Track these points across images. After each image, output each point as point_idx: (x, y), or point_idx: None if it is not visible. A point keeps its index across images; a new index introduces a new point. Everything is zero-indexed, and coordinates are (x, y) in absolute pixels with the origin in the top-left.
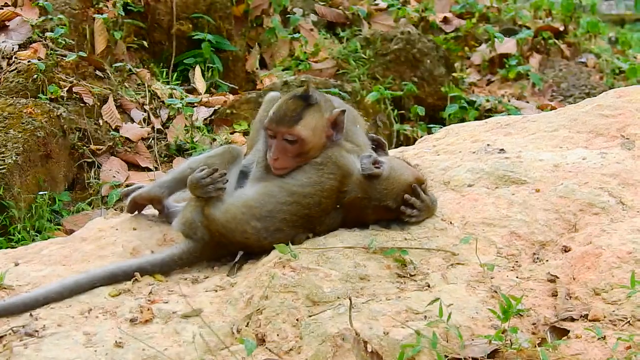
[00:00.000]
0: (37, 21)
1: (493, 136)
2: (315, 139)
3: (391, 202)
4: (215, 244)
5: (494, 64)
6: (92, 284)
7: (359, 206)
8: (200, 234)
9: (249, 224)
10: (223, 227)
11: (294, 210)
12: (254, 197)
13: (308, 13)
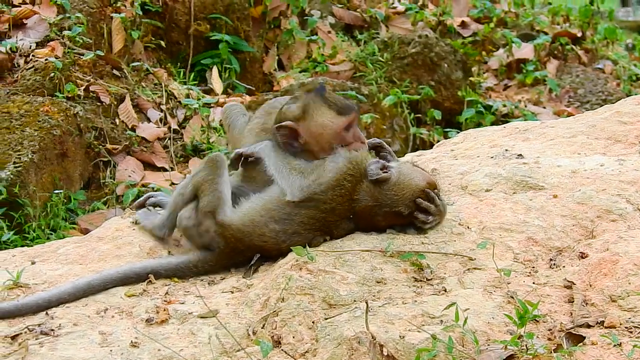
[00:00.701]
0: (55, 19)
1: (511, 141)
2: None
3: (403, 207)
4: (231, 250)
5: (511, 69)
6: (104, 285)
7: (370, 214)
8: (215, 243)
9: (267, 226)
10: (239, 231)
11: (312, 214)
12: (272, 200)
13: (326, 15)
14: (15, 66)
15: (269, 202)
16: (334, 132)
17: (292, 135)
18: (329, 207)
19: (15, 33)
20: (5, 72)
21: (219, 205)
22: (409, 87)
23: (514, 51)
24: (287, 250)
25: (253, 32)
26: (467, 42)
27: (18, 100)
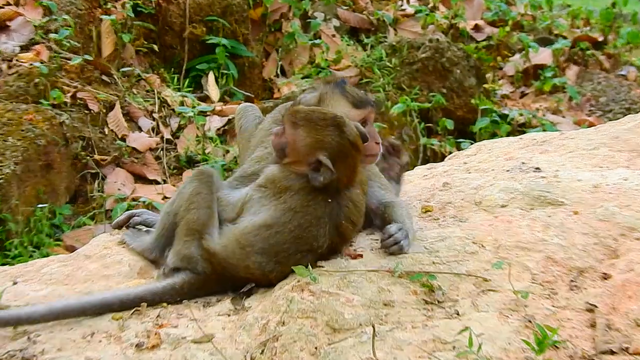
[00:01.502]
0: (41, 22)
1: (528, 154)
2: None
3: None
4: (218, 276)
5: (528, 75)
6: (82, 311)
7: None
8: (201, 267)
9: (249, 259)
10: (225, 262)
11: (297, 234)
12: (252, 230)
13: (330, 18)
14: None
15: (248, 233)
16: None
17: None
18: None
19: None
20: None
21: (207, 225)
22: (418, 94)
23: (531, 56)
24: (278, 280)
25: (252, 35)
26: (481, 46)
27: (0, 108)
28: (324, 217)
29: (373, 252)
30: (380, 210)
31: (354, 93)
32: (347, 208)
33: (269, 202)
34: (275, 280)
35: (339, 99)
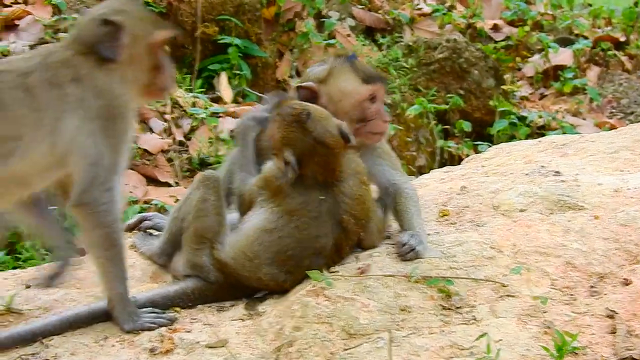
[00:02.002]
0: (50, 21)
1: (547, 157)
2: None
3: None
4: (229, 286)
5: (547, 76)
6: (93, 318)
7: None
8: (213, 277)
9: (260, 271)
10: (236, 273)
11: (298, 237)
12: (255, 237)
13: (345, 17)
14: None
15: (253, 243)
16: (355, 100)
17: (312, 97)
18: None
19: (7, 35)
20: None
21: (218, 233)
22: (435, 95)
23: (550, 57)
24: (291, 287)
25: (265, 35)
26: (500, 47)
27: None
28: (321, 215)
29: (389, 256)
30: (390, 191)
31: (364, 68)
32: (345, 202)
33: (266, 205)
34: (291, 288)
35: (347, 73)
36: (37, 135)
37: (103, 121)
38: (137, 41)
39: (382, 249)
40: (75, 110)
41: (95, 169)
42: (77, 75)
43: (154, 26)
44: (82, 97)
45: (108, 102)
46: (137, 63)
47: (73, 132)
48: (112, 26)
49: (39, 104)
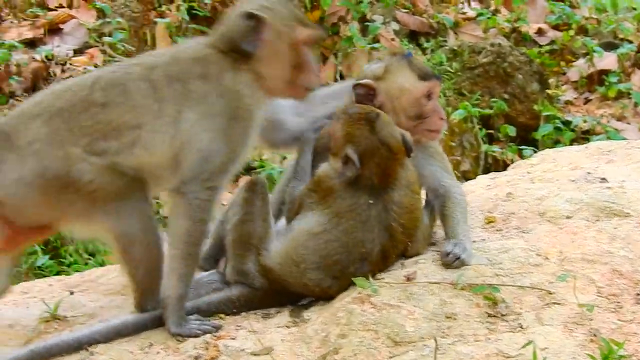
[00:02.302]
0: (94, 24)
1: (593, 163)
2: None
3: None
4: (274, 292)
5: (592, 80)
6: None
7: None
8: (258, 283)
9: (306, 276)
10: (282, 279)
11: (345, 241)
12: (302, 240)
13: (389, 21)
14: (51, 75)
15: (300, 246)
16: (413, 97)
17: (369, 94)
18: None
19: (51, 39)
20: (40, 81)
21: (263, 239)
22: (480, 100)
23: (595, 61)
24: (336, 294)
25: None
26: (544, 51)
27: None
28: (370, 220)
29: (434, 263)
30: (439, 193)
31: (420, 65)
32: (394, 210)
33: (315, 208)
34: (336, 294)
35: (404, 70)
36: (157, 125)
37: (225, 120)
38: (279, 38)
39: (427, 256)
40: (197, 106)
41: (204, 165)
42: (205, 73)
43: (299, 24)
44: (206, 94)
45: (233, 102)
46: (277, 60)
47: (192, 125)
48: (254, 20)
49: (160, 96)
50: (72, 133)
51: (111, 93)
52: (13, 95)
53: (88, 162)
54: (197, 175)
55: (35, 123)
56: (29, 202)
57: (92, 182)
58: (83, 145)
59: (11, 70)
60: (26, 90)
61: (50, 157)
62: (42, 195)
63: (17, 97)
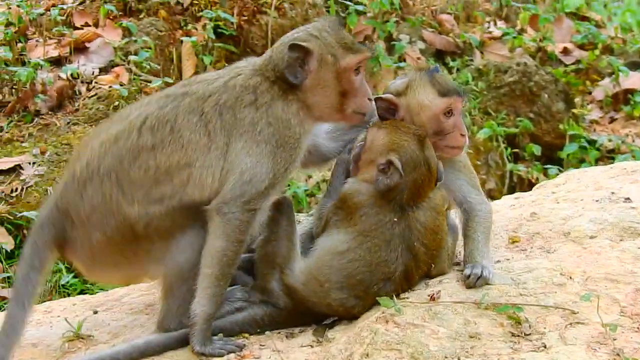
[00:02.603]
0: (120, 43)
1: (618, 183)
2: None
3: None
4: (299, 312)
5: (617, 100)
6: (164, 347)
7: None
8: (283, 303)
9: (330, 296)
10: (306, 300)
11: (369, 260)
12: (326, 260)
13: (415, 40)
14: (77, 94)
15: (324, 266)
16: (432, 113)
17: (390, 109)
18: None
19: (77, 58)
20: (65, 100)
21: (288, 259)
22: (505, 119)
23: (621, 80)
24: (360, 313)
25: None
26: (570, 70)
27: (79, 131)
28: (394, 239)
29: (458, 282)
30: (464, 208)
31: (442, 81)
32: (418, 230)
33: (340, 226)
34: (359, 314)
35: (425, 86)
36: (207, 160)
37: (271, 147)
38: (326, 66)
39: (451, 275)
40: (245, 134)
41: (246, 187)
42: (256, 101)
43: (346, 51)
44: (255, 122)
45: (281, 130)
46: (324, 88)
47: (237, 153)
48: (300, 51)
49: (210, 128)
50: (125, 193)
51: (160, 133)
52: (38, 114)
53: (147, 213)
54: (239, 196)
55: (87, 192)
56: (106, 267)
57: (149, 226)
58: (138, 201)
59: (37, 89)
60: (51, 109)
61: (111, 224)
62: (114, 256)
63: (42, 116)
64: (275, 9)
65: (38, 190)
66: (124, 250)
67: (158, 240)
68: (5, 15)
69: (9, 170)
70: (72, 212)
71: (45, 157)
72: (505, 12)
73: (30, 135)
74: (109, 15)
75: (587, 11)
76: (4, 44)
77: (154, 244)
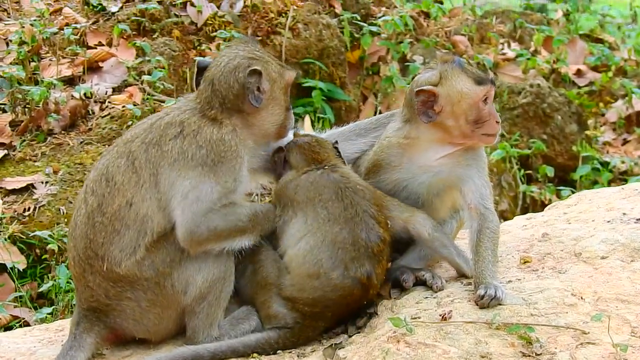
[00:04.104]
0: (134, 63)
1: (629, 204)
2: None
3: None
4: (310, 320)
5: (630, 121)
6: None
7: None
8: (292, 320)
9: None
10: (310, 301)
11: (340, 216)
12: (306, 251)
13: (429, 61)
14: (90, 113)
15: (306, 255)
16: (473, 100)
17: (430, 101)
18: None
19: (90, 77)
20: (78, 119)
21: (279, 275)
22: (518, 140)
23: (634, 102)
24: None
25: (349, 78)
26: (583, 92)
27: (92, 151)
28: (337, 191)
29: (470, 302)
30: (478, 211)
31: (473, 70)
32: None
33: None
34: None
35: (460, 76)
36: (141, 194)
37: (207, 167)
38: (275, 85)
39: (463, 295)
40: (176, 163)
41: (196, 205)
42: (181, 132)
43: (282, 67)
44: (183, 150)
45: (214, 149)
46: (275, 106)
47: (173, 180)
48: (255, 74)
49: (137, 164)
50: (110, 260)
51: (100, 190)
52: (51, 133)
53: (139, 260)
54: (194, 215)
55: (90, 282)
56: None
57: (152, 268)
58: (122, 258)
59: (50, 108)
60: (64, 128)
61: (126, 289)
62: (154, 309)
63: (55, 135)
64: (289, 29)
65: (50, 209)
66: (155, 300)
67: (170, 275)
68: (19, 34)
69: (21, 189)
70: (97, 306)
71: (58, 176)
72: (519, 34)
73: (43, 155)
74: (122, 34)
75: (601, 33)
76: (17, 63)
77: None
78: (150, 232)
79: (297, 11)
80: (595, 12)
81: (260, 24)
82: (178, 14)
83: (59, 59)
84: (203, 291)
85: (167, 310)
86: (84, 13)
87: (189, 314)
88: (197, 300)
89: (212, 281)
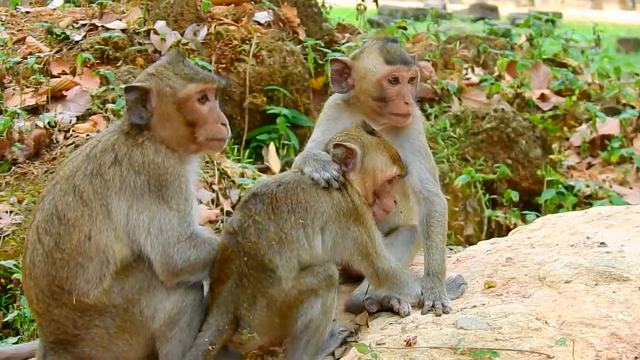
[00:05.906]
0: (98, 91)
1: (593, 228)
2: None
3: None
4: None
5: (595, 145)
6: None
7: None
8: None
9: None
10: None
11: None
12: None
13: None
14: (54, 142)
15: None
16: (375, 78)
17: (344, 72)
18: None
19: (54, 106)
20: (43, 148)
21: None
22: (483, 165)
23: (598, 126)
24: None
25: (314, 105)
26: (547, 116)
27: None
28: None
29: (435, 328)
30: (421, 195)
31: (392, 50)
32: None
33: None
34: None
35: (373, 53)
36: (98, 226)
37: (153, 194)
38: (165, 100)
39: (428, 320)
40: (121, 193)
41: (163, 236)
42: (116, 158)
43: (186, 81)
44: (123, 178)
45: (151, 173)
46: (170, 121)
47: (126, 212)
48: (136, 92)
49: (85, 197)
50: (77, 293)
51: (53, 229)
52: (15, 163)
53: (107, 290)
54: (165, 247)
55: (55, 315)
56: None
57: (122, 295)
58: (89, 289)
59: (13, 137)
60: (28, 157)
61: (94, 319)
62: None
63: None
64: (253, 56)
65: (15, 239)
66: (123, 326)
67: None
68: None
69: None
70: (65, 338)
71: (23, 205)
72: (482, 59)
73: (7, 184)
74: (86, 63)
75: (565, 57)
76: None
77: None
78: (113, 261)
79: (260, 38)
80: (559, 37)
81: (224, 51)
82: (142, 41)
83: (23, 88)
84: (173, 317)
85: (135, 336)
86: (47, 42)
87: (160, 339)
88: (168, 326)
89: (182, 307)
